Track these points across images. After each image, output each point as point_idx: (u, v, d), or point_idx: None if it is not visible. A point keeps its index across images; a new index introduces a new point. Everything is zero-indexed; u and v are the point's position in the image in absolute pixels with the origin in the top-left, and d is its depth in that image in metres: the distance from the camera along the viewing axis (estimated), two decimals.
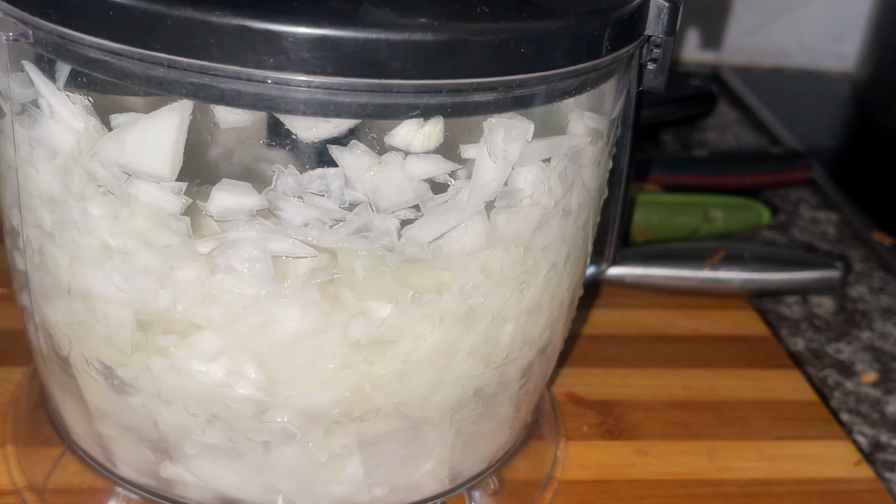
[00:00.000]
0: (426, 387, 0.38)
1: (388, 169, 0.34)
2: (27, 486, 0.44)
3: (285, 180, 0.33)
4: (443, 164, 0.34)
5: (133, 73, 0.32)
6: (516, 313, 0.39)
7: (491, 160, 0.35)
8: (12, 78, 0.35)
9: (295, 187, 0.33)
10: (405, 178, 0.34)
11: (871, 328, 0.65)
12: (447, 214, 0.35)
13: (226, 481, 0.40)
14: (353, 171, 0.34)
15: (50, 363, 0.42)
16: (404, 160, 0.34)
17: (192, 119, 0.33)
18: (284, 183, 0.33)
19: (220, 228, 0.34)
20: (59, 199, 0.36)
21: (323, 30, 0.30)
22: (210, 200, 0.34)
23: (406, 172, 0.34)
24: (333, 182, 0.34)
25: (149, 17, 0.31)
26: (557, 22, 0.34)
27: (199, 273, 0.35)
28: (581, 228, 0.41)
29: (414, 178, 0.34)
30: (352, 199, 0.34)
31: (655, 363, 0.57)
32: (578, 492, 0.47)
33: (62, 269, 0.37)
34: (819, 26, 1.01)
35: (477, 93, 0.33)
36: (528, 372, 0.43)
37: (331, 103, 0.32)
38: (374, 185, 0.34)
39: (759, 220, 0.72)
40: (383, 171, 0.34)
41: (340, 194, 0.34)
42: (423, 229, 0.35)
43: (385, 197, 0.34)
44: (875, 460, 0.54)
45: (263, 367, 0.36)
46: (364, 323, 0.36)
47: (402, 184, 0.34)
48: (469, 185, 0.35)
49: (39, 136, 0.35)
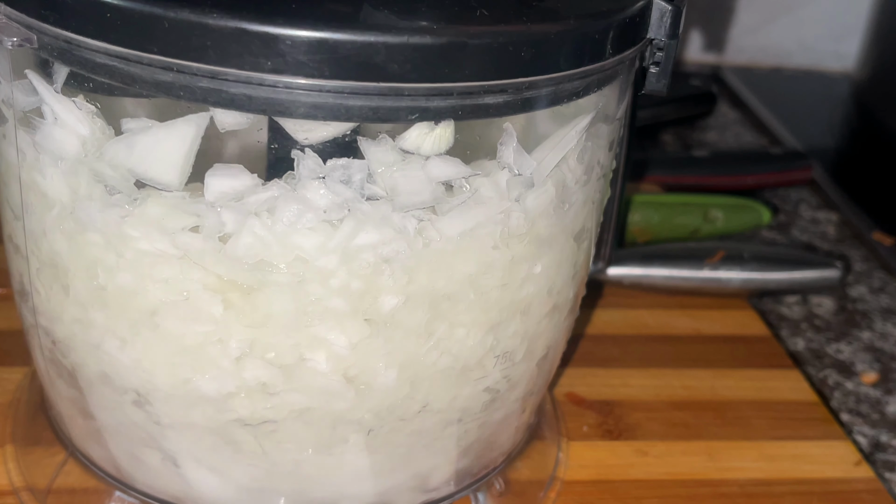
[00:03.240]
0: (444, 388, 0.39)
1: (409, 168, 0.34)
2: (25, 486, 0.44)
3: (306, 164, 0.33)
4: (462, 169, 0.34)
5: (141, 77, 0.32)
6: (524, 307, 0.39)
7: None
8: (15, 85, 0.35)
9: (316, 170, 0.33)
10: (425, 178, 0.34)
11: (871, 328, 0.65)
12: (473, 210, 0.35)
13: (234, 486, 0.40)
14: (377, 166, 0.34)
15: (55, 376, 0.41)
16: (426, 161, 0.34)
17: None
18: (306, 166, 0.33)
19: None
20: (66, 204, 0.36)
21: (323, 33, 0.30)
22: (205, 188, 0.33)
23: (426, 173, 0.34)
24: (356, 174, 0.34)
25: (146, 20, 0.31)
26: (561, 25, 0.34)
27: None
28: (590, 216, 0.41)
29: (433, 180, 0.34)
30: (371, 193, 0.34)
31: (655, 363, 0.57)
32: (578, 492, 0.47)
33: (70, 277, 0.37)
34: (819, 26, 1.01)
35: (488, 95, 0.33)
36: (536, 371, 0.43)
37: (342, 107, 0.32)
38: (394, 182, 0.34)
39: (759, 220, 0.72)
40: (404, 170, 0.34)
41: (361, 187, 0.34)
42: (450, 223, 0.35)
43: (403, 195, 0.34)
44: (875, 460, 0.54)
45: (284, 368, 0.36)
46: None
47: (421, 183, 0.34)
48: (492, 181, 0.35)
49: (43, 142, 0.35)
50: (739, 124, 0.92)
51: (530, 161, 0.36)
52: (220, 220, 0.34)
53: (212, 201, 0.34)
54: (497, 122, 0.35)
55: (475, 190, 0.35)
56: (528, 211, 0.36)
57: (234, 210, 0.34)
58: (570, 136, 0.37)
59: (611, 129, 0.40)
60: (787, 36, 1.01)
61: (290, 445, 0.39)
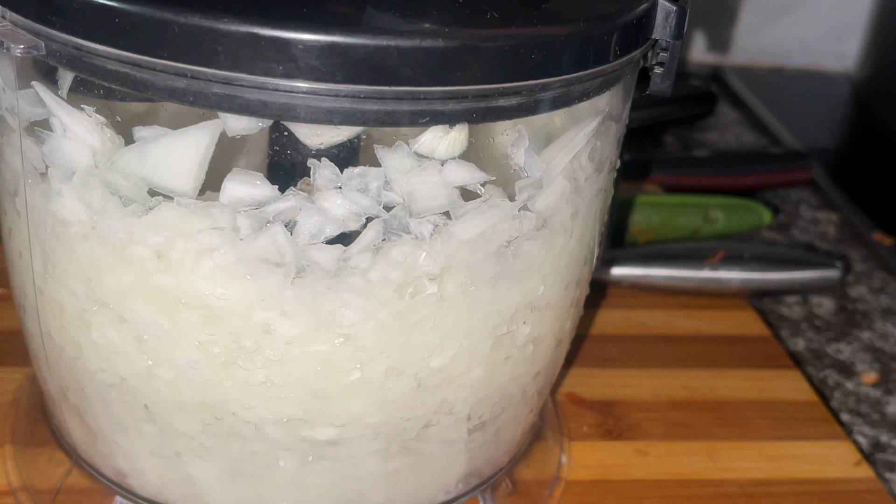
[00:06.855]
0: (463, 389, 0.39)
1: (426, 173, 0.34)
2: (23, 487, 0.44)
3: (323, 173, 0.33)
4: (478, 174, 0.34)
5: (153, 83, 0.32)
6: (537, 307, 0.39)
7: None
8: (20, 95, 0.35)
9: (333, 179, 0.33)
10: (441, 183, 0.34)
11: (871, 328, 0.65)
12: (486, 213, 0.35)
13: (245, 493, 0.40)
14: (393, 173, 0.34)
15: (61, 388, 0.41)
16: (442, 166, 0.34)
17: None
18: (322, 176, 0.33)
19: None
20: (80, 218, 0.35)
21: (334, 37, 0.30)
22: (221, 191, 0.33)
23: (443, 178, 0.34)
24: (373, 182, 0.34)
25: (155, 25, 0.30)
26: (573, 27, 0.34)
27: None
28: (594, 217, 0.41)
29: (449, 185, 0.34)
30: (387, 200, 0.34)
31: (655, 363, 0.57)
32: (579, 492, 0.48)
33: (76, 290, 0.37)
34: (819, 26, 1.01)
35: (502, 98, 0.33)
36: (545, 371, 0.43)
37: (357, 111, 0.32)
38: (411, 188, 0.34)
39: (760, 221, 0.72)
40: (421, 175, 0.34)
41: (378, 194, 0.34)
42: (465, 226, 0.35)
43: (419, 200, 0.34)
44: (875, 460, 0.54)
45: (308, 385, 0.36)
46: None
47: (437, 189, 0.34)
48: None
49: (52, 155, 0.35)
50: (739, 124, 0.92)
51: (540, 163, 0.36)
52: (235, 225, 0.34)
53: (225, 204, 0.34)
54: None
55: (490, 194, 0.35)
56: (539, 211, 0.37)
57: (251, 217, 0.34)
58: (579, 138, 0.37)
59: (618, 127, 0.40)
60: (787, 36, 1.01)
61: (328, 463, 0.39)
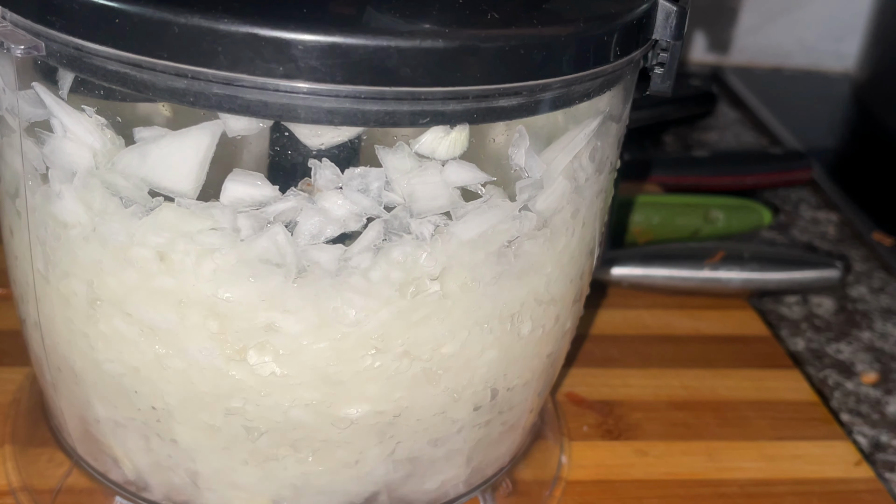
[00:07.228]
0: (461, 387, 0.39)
1: (426, 174, 0.34)
2: (23, 487, 0.44)
3: (324, 174, 0.33)
4: (479, 174, 0.34)
5: (154, 84, 0.32)
6: (541, 302, 0.39)
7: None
8: (20, 96, 0.35)
9: (334, 180, 0.33)
10: (442, 183, 0.34)
11: (871, 328, 0.65)
12: (487, 213, 0.35)
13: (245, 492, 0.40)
14: (394, 173, 0.34)
15: (60, 385, 0.41)
16: (443, 167, 0.34)
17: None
18: (323, 176, 0.33)
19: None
20: (80, 219, 0.35)
21: (334, 37, 0.30)
22: (222, 192, 0.33)
23: (444, 179, 0.34)
24: (373, 182, 0.34)
25: (155, 25, 0.30)
26: (573, 27, 0.34)
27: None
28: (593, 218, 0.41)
29: (449, 185, 0.34)
30: (388, 200, 0.34)
31: (655, 363, 0.57)
32: (579, 492, 0.48)
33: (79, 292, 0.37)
34: (819, 26, 1.01)
35: (502, 98, 0.33)
36: (546, 370, 0.43)
37: (357, 111, 0.32)
38: (412, 188, 0.34)
39: (760, 221, 0.72)
40: (421, 176, 0.34)
41: (379, 195, 0.34)
42: (466, 226, 0.35)
43: (420, 201, 0.34)
44: (875, 460, 0.54)
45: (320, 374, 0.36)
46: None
47: (438, 189, 0.34)
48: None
49: (52, 156, 0.35)
50: (739, 124, 0.92)
51: (541, 163, 0.36)
52: (235, 226, 0.34)
53: (225, 205, 0.34)
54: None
55: (491, 194, 0.35)
56: (540, 212, 0.37)
57: (251, 217, 0.34)
58: (579, 138, 0.37)
59: (618, 127, 0.40)
60: (787, 36, 1.01)
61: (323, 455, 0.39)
